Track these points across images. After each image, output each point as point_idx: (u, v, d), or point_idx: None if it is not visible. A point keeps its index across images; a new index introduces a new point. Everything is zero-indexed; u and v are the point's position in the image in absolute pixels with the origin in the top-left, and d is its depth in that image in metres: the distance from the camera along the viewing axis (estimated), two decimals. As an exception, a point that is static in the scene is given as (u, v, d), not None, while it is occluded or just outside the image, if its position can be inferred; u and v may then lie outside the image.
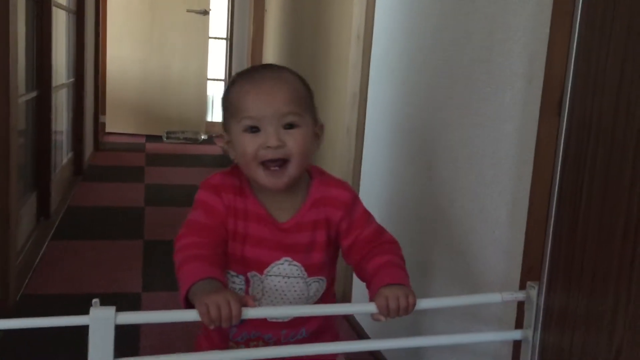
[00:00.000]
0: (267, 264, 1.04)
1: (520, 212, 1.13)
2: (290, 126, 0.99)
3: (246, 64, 4.40)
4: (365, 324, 1.91)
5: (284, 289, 1.06)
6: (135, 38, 5.45)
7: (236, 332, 1.08)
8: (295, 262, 1.05)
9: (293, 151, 0.99)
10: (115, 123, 5.56)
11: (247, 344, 1.08)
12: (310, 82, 1.09)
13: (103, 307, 0.86)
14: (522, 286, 1.08)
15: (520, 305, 1.09)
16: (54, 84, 2.90)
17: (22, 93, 2.27)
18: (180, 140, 5.54)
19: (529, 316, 1.01)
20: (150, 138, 5.51)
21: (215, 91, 6.30)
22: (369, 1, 1.93)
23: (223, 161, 4.83)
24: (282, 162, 1.00)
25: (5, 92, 1.77)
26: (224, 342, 1.10)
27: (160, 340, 1.77)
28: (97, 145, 4.71)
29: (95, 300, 0.86)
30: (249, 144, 0.99)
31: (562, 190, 0.89)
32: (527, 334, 1.01)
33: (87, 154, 4.16)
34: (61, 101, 3.35)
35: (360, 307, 1.00)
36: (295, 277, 1.05)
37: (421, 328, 1.50)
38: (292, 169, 1.00)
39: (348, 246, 1.06)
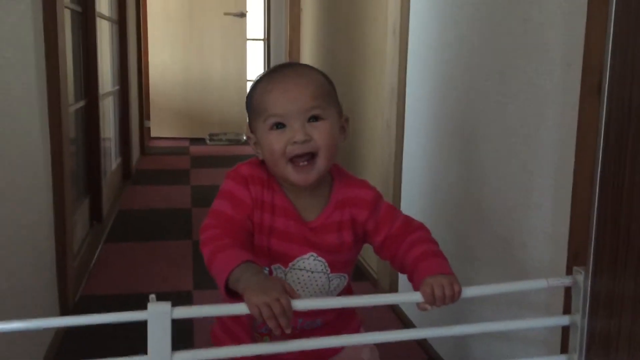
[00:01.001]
0: (292, 258, 1.05)
1: (564, 198, 1.12)
2: (315, 119, 1.01)
3: (284, 64, 4.45)
4: (411, 314, 1.92)
5: (306, 282, 1.07)
6: (175, 43, 5.57)
7: (261, 323, 1.09)
8: (320, 258, 1.06)
9: (320, 144, 1.00)
10: (160, 128, 5.69)
11: (270, 332, 1.09)
12: (348, 78, 1.12)
13: (160, 302, 0.90)
14: (569, 272, 1.08)
15: (568, 291, 1.09)
16: (100, 92, 3.00)
17: (71, 103, 2.37)
18: (223, 141, 5.64)
19: (576, 301, 1.01)
20: (194, 141, 5.63)
21: (255, 92, 6.38)
22: (404, -6, 1.94)
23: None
24: (310, 157, 1.01)
25: (57, 102, 1.84)
26: (247, 332, 1.11)
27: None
28: (143, 149, 4.84)
29: (152, 296, 0.91)
30: (276, 141, 1.00)
31: (604, 173, 0.89)
32: (575, 319, 1.01)
33: (135, 158, 4.28)
34: (108, 109, 3.46)
35: (406, 296, 1.01)
36: (318, 272, 1.07)
37: (468, 316, 1.50)
38: (320, 163, 1.01)
39: (380, 243, 1.08)
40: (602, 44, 0.92)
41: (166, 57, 5.57)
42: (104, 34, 3.37)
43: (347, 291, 1.16)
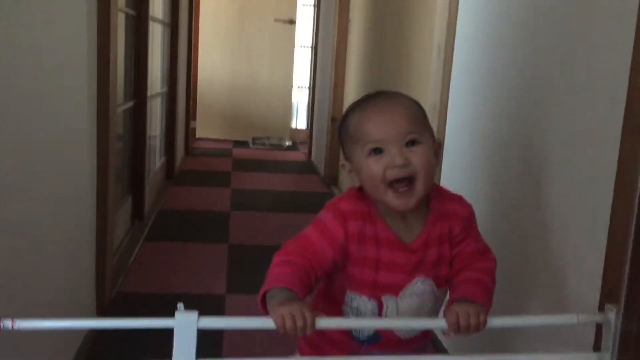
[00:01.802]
0: (402, 287, 1.06)
1: (602, 233, 1.10)
2: (412, 143, 1.01)
3: (330, 73, 4.47)
4: (444, 340, 1.90)
5: (418, 305, 1.08)
6: (225, 47, 5.67)
7: (369, 348, 1.10)
8: (427, 279, 1.07)
9: (418, 168, 1.01)
10: (205, 129, 5.80)
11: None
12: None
13: (187, 312, 0.92)
14: (601, 307, 1.06)
15: (599, 327, 1.07)
16: (149, 93, 3.08)
17: (120, 103, 2.44)
18: (266, 146, 5.70)
19: (606, 339, 0.99)
20: (237, 143, 5.71)
21: (300, 98, 6.43)
22: (451, 12, 1.93)
23: (306, 167, 4.93)
24: (409, 181, 1.01)
25: (106, 104, 1.91)
26: (336, 346, 1.12)
27: (242, 340, 1.85)
28: (188, 150, 4.93)
29: (180, 304, 0.93)
30: (375, 167, 1.01)
31: (641, 213, 0.87)
32: (604, 356, 0.99)
33: (179, 159, 4.37)
34: (155, 109, 3.54)
35: (432, 322, 1.01)
36: (428, 293, 1.08)
37: (499, 343, 1.48)
38: (419, 187, 1.01)
39: (452, 256, 1.09)
40: (646, 80, 0.90)
41: (215, 60, 5.67)
42: (156, 36, 3.46)
43: None
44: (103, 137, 1.92)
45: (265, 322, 0.92)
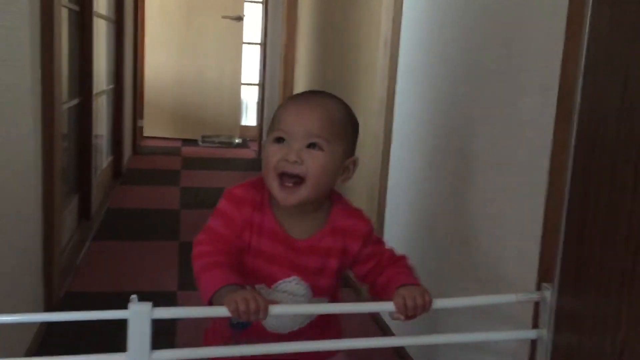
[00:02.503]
0: (276, 280, 1.08)
1: (537, 217, 1.17)
2: (313, 146, 1.04)
3: (278, 69, 4.48)
4: (392, 323, 1.95)
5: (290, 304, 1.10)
6: (171, 44, 5.60)
7: (239, 338, 1.12)
8: (303, 283, 1.09)
9: (310, 171, 1.03)
10: (153, 127, 5.71)
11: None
12: (339, 88, 1.15)
13: (141, 303, 0.93)
14: (539, 288, 1.12)
15: (537, 306, 1.13)
16: (94, 91, 3.03)
17: (65, 100, 2.39)
18: (216, 144, 5.67)
19: (544, 316, 1.05)
20: (186, 142, 5.65)
21: (250, 96, 6.42)
22: (396, 8, 1.98)
23: (256, 165, 4.93)
24: (298, 181, 1.03)
25: (51, 100, 1.87)
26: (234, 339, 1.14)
27: (197, 336, 1.86)
28: (136, 149, 4.86)
29: (133, 296, 0.94)
30: (273, 154, 1.05)
31: (572, 198, 0.93)
32: (542, 333, 1.05)
33: (126, 157, 4.30)
34: (101, 107, 3.48)
35: (380, 306, 1.05)
36: (300, 295, 1.10)
37: (444, 326, 1.54)
38: (304, 190, 1.03)
39: (364, 274, 1.13)
40: (576, 73, 0.96)
41: (162, 57, 5.60)
42: (101, 33, 3.40)
43: (335, 298, 1.19)
44: (48, 135, 1.89)
45: (218, 310, 0.94)
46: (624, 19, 0.82)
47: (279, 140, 1.05)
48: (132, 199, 3.57)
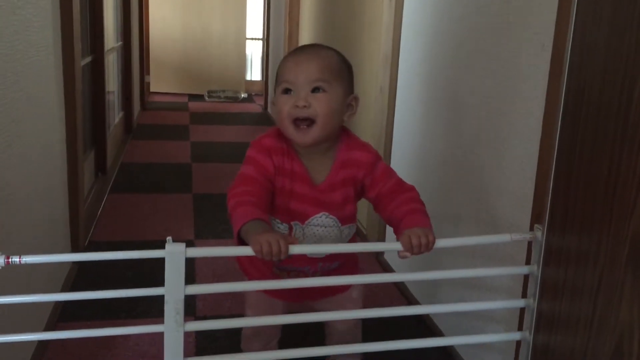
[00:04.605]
0: (308, 217, 1.24)
1: (532, 165, 1.27)
2: (317, 90, 1.18)
3: (283, 24, 4.52)
4: (395, 264, 2.09)
5: (321, 235, 1.25)
6: (175, 0, 5.61)
7: (282, 262, 1.25)
8: (331, 216, 1.25)
9: (318, 112, 1.17)
10: (159, 83, 5.78)
11: (289, 273, 1.28)
12: (345, 45, 1.26)
13: (175, 243, 1.05)
14: (532, 229, 1.23)
15: (530, 245, 1.24)
16: (105, 48, 3.10)
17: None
18: (222, 99, 5.74)
19: (535, 254, 1.17)
20: (193, 97, 5.73)
21: (254, 50, 6.44)
22: (401, -34, 2.04)
23: (262, 119, 5.02)
24: (310, 122, 1.18)
25: (71, 59, 1.96)
26: (269, 268, 1.29)
27: (213, 276, 1.99)
28: (144, 104, 4.94)
29: (169, 238, 1.05)
30: (284, 104, 1.19)
31: (560, 147, 1.03)
32: (533, 268, 1.17)
33: (136, 113, 4.39)
34: (112, 64, 3.55)
35: (388, 245, 1.17)
36: (331, 226, 1.25)
37: (445, 267, 1.67)
38: (316, 129, 1.18)
39: (373, 198, 1.25)
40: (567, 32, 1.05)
41: (166, 13, 5.62)
42: (109, -10, 3.44)
43: (355, 236, 1.35)
44: (70, 91, 1.98)
45: (245, 250, 1.05)
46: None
47: (286, 91, 1.20)
48: (144, 154, 3.68)
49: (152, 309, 1.75)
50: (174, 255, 1.04)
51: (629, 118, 0.85)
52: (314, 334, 1.48)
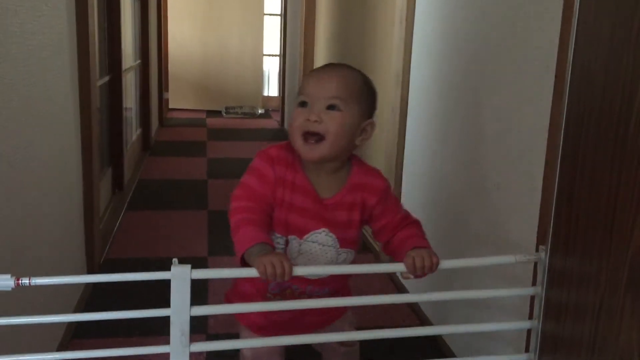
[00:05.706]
0: (307, 231, 1.21)
1: (538, 186, 1.27)
2: (332, 108, 1.17)
3: (299, 40, 4.56)
4: (409, 284, 2.09)
5: (317, 253, 1.23)
6: (194, 17, 5.70)
7: (274, 286, 1.26)
8: (331, 234, 1.22)
9: (329, 129, 1.15)
10: (178, 100, 5.85)
11: (282, 293, 1.27)
12: (357, 62, 1.26)
13: (181, 265, 1.06)
14: (537, 250, 1.23)
15: (536, 265, 1.24)
16: (123, 67, 3.16)
17: (97, 78, 2.52)
18: (239, 115, 5.79)
19: (540, 275, 1.16)
20: (210, 113, 5.79)
21: (271, 66, 6.50)
22: (411, -14, 2.06)
23: (279, 134, 5.05)
24: (319, 138, 1.16)
25: (87, 79, 2.01)
26: (261, 295, 1.28)
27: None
28: (162, 121, 5.01)
29: (174, 260, 1.07)
30: (297, 116, 1.18)
31: (562, 171, 1.03)
32: (538, 289, 1.17)
33: (154, 129, 4.45)
34: (130, 82, 3.62)
35: (392, 266, 1.17)
36: (329, 246, 1.22)
37: (457, 285, 1.67)
38: (324, 146, 1.16)
39: (379, 228, 1.24)
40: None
41: (185, 31, 5.70)
42: (127, 10, 3.51)
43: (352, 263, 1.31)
44: (86, 111, 2.03)
45: (249, 272, 1.07)
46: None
47: (303, 104, 1.19)
48: (162, 170, 3.73)
49: (166, 327, 1.77)
50: (179, 277, 1.06)
51: (626, 146, 0.85)
52: None
